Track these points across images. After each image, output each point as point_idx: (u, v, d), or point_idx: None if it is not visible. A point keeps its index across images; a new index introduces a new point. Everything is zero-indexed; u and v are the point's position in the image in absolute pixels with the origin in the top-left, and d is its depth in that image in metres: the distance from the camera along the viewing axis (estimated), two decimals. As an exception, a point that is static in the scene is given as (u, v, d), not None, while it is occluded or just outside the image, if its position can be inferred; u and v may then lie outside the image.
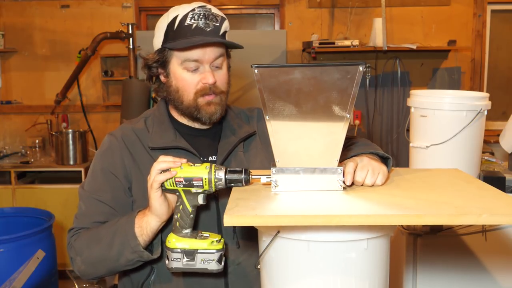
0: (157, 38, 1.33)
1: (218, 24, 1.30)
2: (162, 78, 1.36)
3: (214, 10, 1.32)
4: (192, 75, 1.30)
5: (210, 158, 1.37)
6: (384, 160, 1.24)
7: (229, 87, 1.37)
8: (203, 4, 1.31)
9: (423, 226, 1.88)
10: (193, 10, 1.28)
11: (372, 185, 1.11)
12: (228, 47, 1.36)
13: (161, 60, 1.33)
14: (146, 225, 1.19)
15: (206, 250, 1.14)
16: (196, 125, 1.39)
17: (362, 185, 1.12)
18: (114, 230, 1.23)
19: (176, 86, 1.32)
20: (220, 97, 1.33)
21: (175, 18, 1.29)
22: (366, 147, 1.30)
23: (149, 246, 1.24)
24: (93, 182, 1.34)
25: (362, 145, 1.31)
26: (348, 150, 1.28)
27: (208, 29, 1.28)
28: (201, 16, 1.27)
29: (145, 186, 1.20)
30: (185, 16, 1.28)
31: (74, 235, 1.31)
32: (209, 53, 1.28)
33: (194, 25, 1.27)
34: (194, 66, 1.29)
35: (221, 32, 1.31)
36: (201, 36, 1.27)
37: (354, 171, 1.11)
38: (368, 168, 1.12)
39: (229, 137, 1.39)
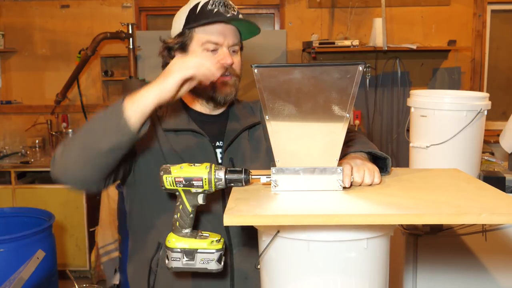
0: (178, 24, 1.39)
1: (235, 13, 1.39)
2: None
3: (231, 2, 1.41)
4: (211, 55, 1.37)
5: (217, 143, 1.43)
6: (383, 160, 1.25)
7: (241, 74, 1.44)
8: None
9: (423, 226, 1.88)
10: None
11: (371, 184, 1.12)
12: (243, 29, 1.42)
13: (182, 42, 1.39)
14: (139, 98, 1.13)
15: (206, 250, 1.15)
16: (207, 111, 1.46)
17: (360, 185, 1.12)
18: (98, 116, 1.18)
19: None
20: (234, 80, 1.41)
21: (196, 4, 1.37)
22: (364, 145, 1.31)
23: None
24: None
25: (360, 143, 1.32)
26: (347, 146, 1.29)
27: (228, 15, 1.36)
28: (221, 4, 1.37)
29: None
30: (207, 3, 1.37)
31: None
32: (229, 37, 1.37)
33: (216, 9, 1.36)
34: (213, 48, 1.36)
35: None
36: (222, 18, 1.35)
37: (351, 172, 1.11)
38: (364, 168, 1.13)
39: (235, 125, 1.46)
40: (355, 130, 1.45)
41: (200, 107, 1.45)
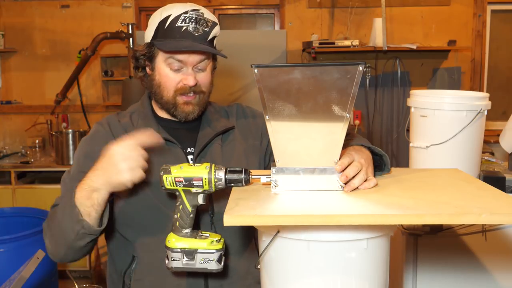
0: (148, 32, 1.36)
1: (207, 30, 1.33)
2: (148, 70, 1.40)
3: (207, 14, 1.34)
4: (175, 73, 1.34)
5: (188, 150, 1.40)
6: (380, 158, 1.24)
7: (211, 87, 1.41)
8: (197, 7, 1.33)
9: (423, 226, 1.88)
10: (186, 12, 1.31)
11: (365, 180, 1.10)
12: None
13: (148, 55, 1.36)
14: (90, 195, 1.18)
15: (206, 250, 1.15)
16: (176, 119, 1.42)
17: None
18: (63, 204, 1.23)
19: (158, 81, 1.36)
20: (199, 97, 1.37)
21: (167, 17, 1.31)
22: (364, 141, 1.30)
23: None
24: (75, 167, 1.36)
25: (360, 139, 1.32)
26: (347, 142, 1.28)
27: (196, 34, 1.31)
28: (192, 20, 1.31)
29: None
30: (177, 18, 1.30)
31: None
32: (194, 57, 1.32)
33: (184, 28, 1.30)
34: (178, 66, 1.33)
35: (210, 37, 1.34)
36: (188, 40, 1.30)
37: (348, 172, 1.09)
38: (361, 169, 1.10)
39: (207, 130, 1.42)
40: (352, 132, 1.44)
41: (168, 116, 1.43)
